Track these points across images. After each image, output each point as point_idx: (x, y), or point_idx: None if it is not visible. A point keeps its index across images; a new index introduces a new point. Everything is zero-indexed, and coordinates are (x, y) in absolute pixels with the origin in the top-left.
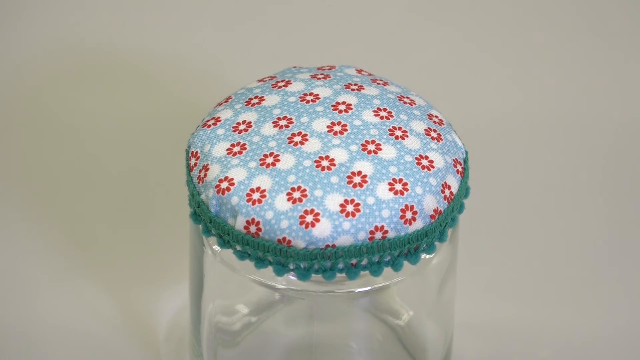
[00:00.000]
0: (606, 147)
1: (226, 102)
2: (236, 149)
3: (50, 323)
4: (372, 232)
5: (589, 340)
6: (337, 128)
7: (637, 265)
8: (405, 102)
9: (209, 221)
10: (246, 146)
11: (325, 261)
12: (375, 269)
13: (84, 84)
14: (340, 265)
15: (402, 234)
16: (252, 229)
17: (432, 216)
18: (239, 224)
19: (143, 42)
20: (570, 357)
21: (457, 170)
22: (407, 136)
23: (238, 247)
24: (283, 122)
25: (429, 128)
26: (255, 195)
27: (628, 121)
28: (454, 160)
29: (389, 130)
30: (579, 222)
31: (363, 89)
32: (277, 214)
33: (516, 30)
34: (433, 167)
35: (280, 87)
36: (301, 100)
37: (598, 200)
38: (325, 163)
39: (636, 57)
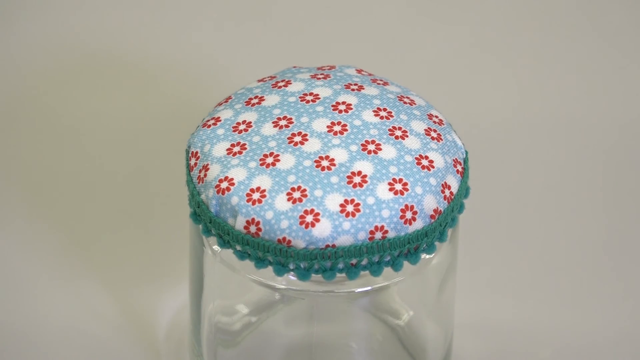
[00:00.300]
0: (606, 147)
1: (226, 102)
2: (236, 149)
3: (50, 323)
4: (372, 232)
5: (589, 340)
6: (337, 128)
7: (637, 265)
8: (405, 102)
9: (209, 221)
10: (246, 146)
11: (325, 261)
12: (375, 269)
13: (84, 85)
14: (340, 265)
15: (402, 234)
16: (252, 229)
17: (432, 216)
18: (239, 224)
19: (143, 42)
20: (571, 357)
21: (457, 170)
22: (407, 136)
23: (238, 247)
24: (283, 122)
25: (429, 128)
26: (255, 195)
27: (628, 121)
28: (454, 160)
29: (389, 130)
30: (579, 221)
31: (363, 89)
32: (277, 214)
33: (516, 31)
34: (433, 167)
35: (280, 87)
36: (301, 100)
37: (598, 200)
38: (325, 163)
39: (636, 57)
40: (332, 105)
